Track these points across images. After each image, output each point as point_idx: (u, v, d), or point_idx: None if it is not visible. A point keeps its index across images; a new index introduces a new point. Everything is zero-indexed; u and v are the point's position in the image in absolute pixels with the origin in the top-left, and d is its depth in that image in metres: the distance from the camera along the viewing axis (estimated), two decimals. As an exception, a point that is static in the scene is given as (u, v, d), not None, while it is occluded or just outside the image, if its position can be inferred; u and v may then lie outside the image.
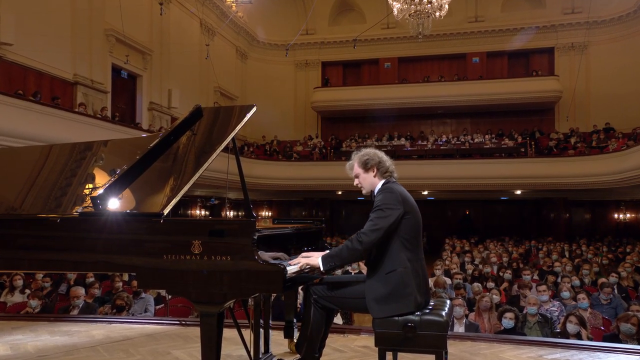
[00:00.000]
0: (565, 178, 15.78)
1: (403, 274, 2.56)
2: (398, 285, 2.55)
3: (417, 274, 2.61)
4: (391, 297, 2.54)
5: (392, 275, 2.56)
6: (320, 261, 2.58)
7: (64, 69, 12.54)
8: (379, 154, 2.77)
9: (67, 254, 2.64)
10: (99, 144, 3.34)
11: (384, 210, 2.55)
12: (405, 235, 2.60)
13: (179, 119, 3.06)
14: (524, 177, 16.12)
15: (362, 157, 2.76)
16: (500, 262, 10.50)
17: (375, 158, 2.74)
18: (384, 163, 2.74)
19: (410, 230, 2.61)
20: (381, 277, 2.59)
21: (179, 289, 2.42)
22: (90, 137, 7.42)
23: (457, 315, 5.11)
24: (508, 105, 19.84)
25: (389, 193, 2.62)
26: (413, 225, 2.63)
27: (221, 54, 19.34)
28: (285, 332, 3.42)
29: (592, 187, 15.74)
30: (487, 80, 20.24)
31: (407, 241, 2.60)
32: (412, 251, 2.61)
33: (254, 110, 3.07)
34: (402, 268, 2.57)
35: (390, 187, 2.67)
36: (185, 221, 2.61)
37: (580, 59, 19.18)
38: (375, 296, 2.57)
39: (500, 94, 19.24)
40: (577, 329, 4.67)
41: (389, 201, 2.57)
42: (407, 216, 2.60)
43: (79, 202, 2.82)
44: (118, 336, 4.36)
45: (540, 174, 15.95)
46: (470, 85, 19.89)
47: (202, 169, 2.66)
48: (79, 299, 5.71)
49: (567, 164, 16.03)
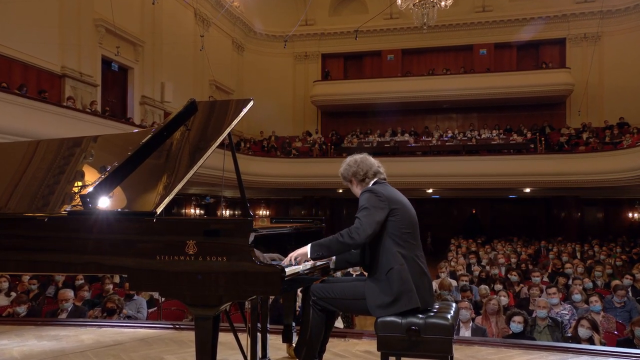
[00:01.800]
0: (577, 175, 15.78)
1: (401, 271, 2.60)
2: (397, 283, 2.59)
3: (415, 271, 2.64)
4: (392, 296, 2.58)
5: (390, 274, 2.61)
6: (308, 248, 2.64)
7: (52, 61, 12.52)
8: (355, 163, 2.88)
9: (55, 254, 2.65)
10: (88, 139, 3.34)
11: (369, 208, 2.64)
12: (396, 232, 2.66)
13: (173, 113, 3.06)
14: (534, 174, 16.12)
15: (341, 170, 2.93)
16: (509, 263, 10.51)
17: (350, 171, 2.88)
18: (359, 171, 2.85)
19: (401, 226, 2.67)
20: (379, 277, 2.64)
21: (173, 291, 2.43)
22: (79, 133, 7.40)
23: (463, 319, 5.11)
24: (517, 99, 19.82)
25: (370, 193, 2.72)
26: (403, 221, 2.68)
27: (216, 46, 19.31)
28: (283, 336, 3.43)
29: (605, 185, 15.73)
30: (494, 73, 20.21)
31: (399, 238, 2.66)
32: (406, 248, 2.66)
33: (251, 104, 3.07)
34: (399, 265, 2.62)
35: (370, 188, 2.77)
36: (179, 220, 2.61)
37: (593, 50, 19.16)
38: (376, 297, 2.62)
39: (509, 88, 19.21)
40: (589, 334, 4.68)
41: (372, 199, 2.68)
42: (395, 213, 2.66)
43: (68, 200, 2.82)
44: (109, 341, 4.37)
45: (550, 171, 15.95)
46: (477, 79, 19.87)
47: (197, 166, 2.67)
48: (68, 302, 5.71)
49: (579, 161, 16.03)
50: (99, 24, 13.87)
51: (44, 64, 12.36)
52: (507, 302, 6.23)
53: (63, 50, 12.75)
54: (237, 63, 21.64)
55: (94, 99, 13.29)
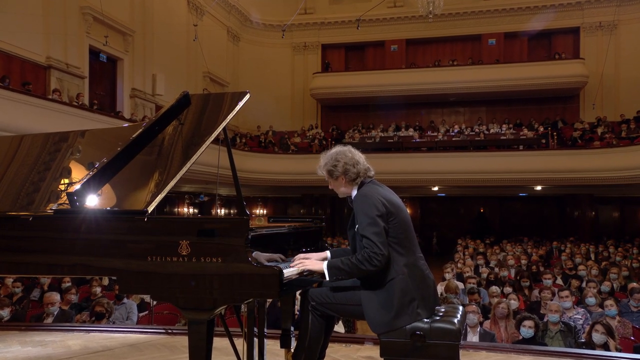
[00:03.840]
0: (591, 172, 15.77)
1: (402, 282, 2.58)
2: (398, 295, 2.56)
3: (417, 279, 2.63)
4: (393, 311, 2.55)
5: (390, 285, 2.58)
6: (325, 269, 2.61)
7: (36, 51, 12.51)
8: (344, 158, 2.74)
9: (41, 255, 2.65)
10: (75, 134, 3.34)
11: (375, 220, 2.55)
12: (394, 239, 2.62)
13: (165, 107, 3.06)
14: (545, 171, 16.12)
15: (327, 166, 2.77)
16: (519, 265, 10.53)
17: (340, 166, 2.72)
18: (351, 169, 2.72)
19: (399, 232, 2.64)
20: (377, 287, 2.61)
21: (165, 294, 2.43)
22: (66, 127, 7.41)
23: (471, 323, 5.13)
24: (527, 92, 19.82)
25: (366, 199, 2.63)
26: (399, 226, 2.64)
27: (211, 36, 19.29)
28: (281, 341, 3.43)
29: (621, 182, 15.72)
30: (504, 64, 20.20)
31: (398, 244, 2.63)
32: (405, 255, 2.64)
33: (248, 97, 3.06)
34: (401, 275, 2.59)
35: (365, 192, 2.68)
36: (172, 220, 2.62)
37: (608, 39, 19.14)
38: (375, 312, 2.59)
39: (519, 80, 19.19)
40: (604, 339, 4.68)
41: (371, 210, 2.57)
42: (391, 218, 2.62)
43: (54, 198, 2.83)
44: (97, 347, 4.38)
45: (563, 168, 15.94)
46: (485, 70, 19.86)
47: (190, 163, 2.67)
48: (54, 306, 5.72)
49: (593, 157, 16.01)
50: (86, 12, 13.85)
51: (28, 55, 12.34)
52: (517, 305, 6.24)
53: (48, 39, 12.73)
54: (232, 54, 21.62)
55: (81, 92, 13.29)
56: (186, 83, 17.71)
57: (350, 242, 2.82)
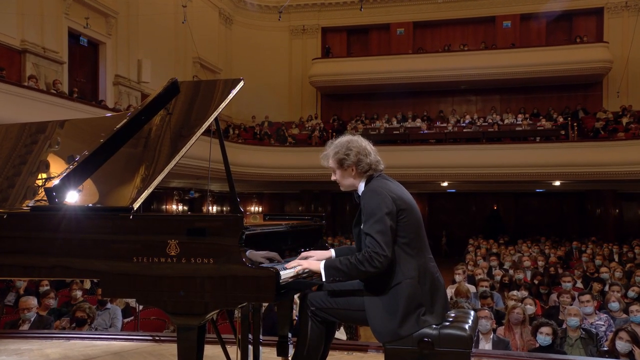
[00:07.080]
0: (615, 166, 15.78)
1: (409, 287, 2.58)
2: (404, 300, 2.57)
3: (427, 283, 2.63)
4: (398, 317, 2.56)
5: (396, 289, 2.59)
6: (322, 269, 2.61)
7: (10, 34, 12.48)
8: (357, 147, 2.73)
9: (16, 257, 2.66)
10: (53, 125, 3.34)
11: (383, 217, 2.54)
12: (404, 240, 2.62)
13: (151, 95, 3.06)
14: (565, 165, 16.12)
15: (338, 154, 2.76)
16: (535, 267, 10.54)
17: (352, 155, 2.72)
18: (364, 160, 2.72)
19: (409, 231, 2.64)
20: (383, 292, 2.61)
21: (152, 297, 2.44)
22: (43, 117, 7.40)
23: (483, 330, 5.14)
24: (546, 79, 19.80)
25: (375, 195, 2.63)
26: (410, 225, 2.65)
27: (201, 18, 19.25)
28: (278, 349, 3.44)
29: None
30: (520, 48, 20.15)
31: (408, 245, 2.63)
32: (416, 256, 2.64)
33: (241, 85, 3.07)
34: (409, 280, 2.59)
35: (374, 187, 2.68)
36: (160, 217, 2.63)
37: (635, 21, 19.05)
38: (380, 319, 2.59)
39: (537, 66, 19.14)
40: (628, 347, 4.69)
41: (379, 207, 2.57)
42: (401, 216, 2.62)
43: (30, 194, 2.83)
44: (78, 355, 4.39)
45: (584, 161, 15.95)
46: (500, 55, 19.83)
47: (180, 156, 2.67)
48: (31, 312, 5.72)
49: (617, 150, 16.02)
50: (65, -9, 13.83)
51: (1, 38, 12.31)
52: (533, 310, 6.25)
53: (23, 21, 12.70)
54: (224, 38, 21.58)
55: (60, 79, 13.27)
56: (174, 69, 17.69)
57: (356, 241, 2.82)
